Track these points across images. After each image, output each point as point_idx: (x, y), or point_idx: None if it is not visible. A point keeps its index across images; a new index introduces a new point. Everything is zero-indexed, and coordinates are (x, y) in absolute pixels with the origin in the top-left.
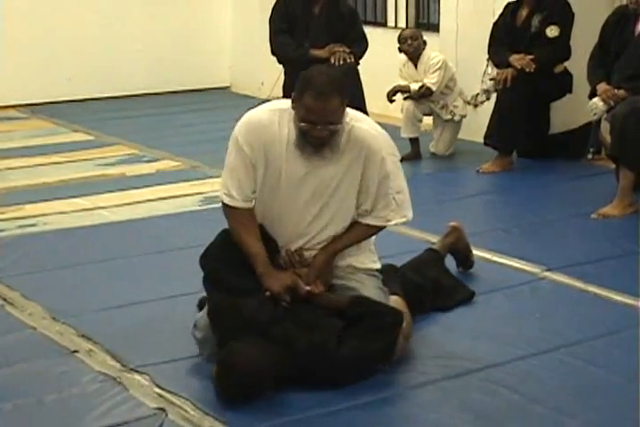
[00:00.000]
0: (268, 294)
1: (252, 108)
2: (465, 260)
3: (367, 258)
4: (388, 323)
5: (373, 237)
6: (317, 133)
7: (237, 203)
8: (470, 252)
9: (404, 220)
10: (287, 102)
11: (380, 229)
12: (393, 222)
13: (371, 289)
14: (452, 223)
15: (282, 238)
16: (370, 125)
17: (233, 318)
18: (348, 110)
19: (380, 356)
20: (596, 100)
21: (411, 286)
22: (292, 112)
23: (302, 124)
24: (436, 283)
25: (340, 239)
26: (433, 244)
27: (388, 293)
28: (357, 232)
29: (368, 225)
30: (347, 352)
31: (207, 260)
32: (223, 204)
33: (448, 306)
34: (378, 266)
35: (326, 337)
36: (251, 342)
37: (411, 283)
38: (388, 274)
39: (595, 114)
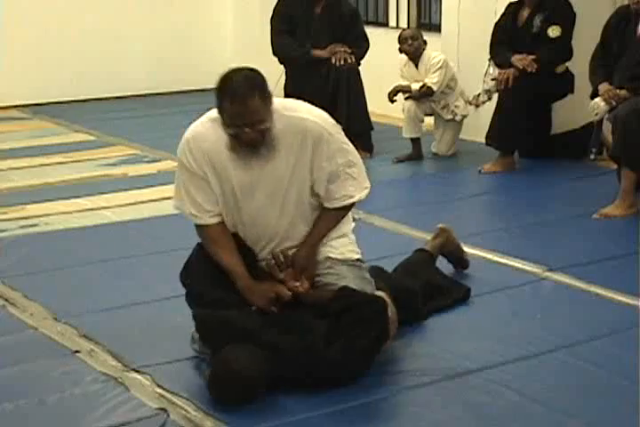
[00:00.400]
0: (254, 308)
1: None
2: (459, 260)
3: (345, 247)
4: (371, 313)
5: (351, 227)
6: (247, 137)
7: (203, 220)
8: (462, 252)
9: (365, 191)
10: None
11: (347, 209)
12: (356, 198)
13: (352, 280)
14: (440, 225)
15: (255, 245)
16: (306, 111)
17: (221, 331)
18: (279, 100)
19: (371, 349)
20: (597, 100)
21: (405, 293)
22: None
23: (229, 129)
24: (431, 285)
25: (315, 231)
26: (426, 244)
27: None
28: (327, 218)
29: (334, 208)
30: (336, 352)
31: (187, 275)
32: (195, 224)
33: (445, 306)
34: (357, 256)
35: (314, 340)
36: (243, 348)
37: (406, 289)
38: (377, 273)
39: (596, 114)
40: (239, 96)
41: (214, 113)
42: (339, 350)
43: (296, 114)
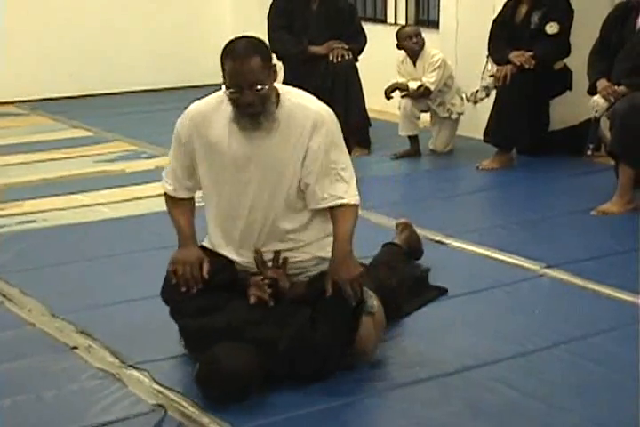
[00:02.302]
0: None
1: None
2: (416, 251)
3: (329, 245)
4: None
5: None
6: (246, 99)
7: (175, 193)
8: (421, 243)
9: (354, 202)
10: None
11: (352, 208)
12: (345, 201)
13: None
14: (402, 220)
15: (242, 231)
16: (311, 101)
17: (207, 336)
18: (285, 87)
19: (355, 318)
20: (596, 97)
21: (386, 291)
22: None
23: (229, 91)
24: (409, 278)
25: (341, 228)
26: (394, 238)
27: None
28: (341, 217)
29: (330, 208)
30: (324, 332)
31: (167, 292)
32: (165, 193)
33: (427, 301)
34: None
35: (302, 328)
36: (230, 346)
37: (386, 287)
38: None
39: (596, 111)
40: (240, 55)
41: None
42: (324, 330)
43: (302, 101)
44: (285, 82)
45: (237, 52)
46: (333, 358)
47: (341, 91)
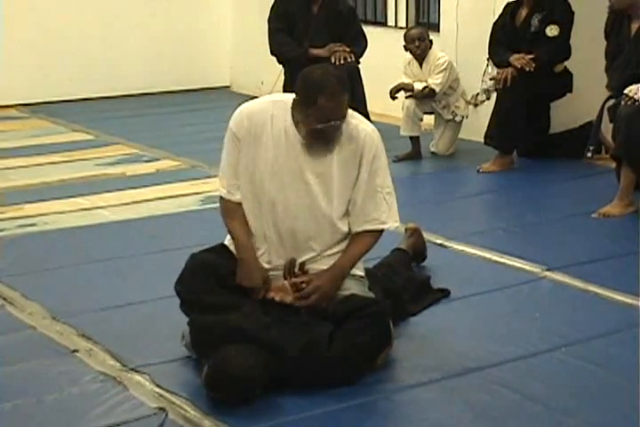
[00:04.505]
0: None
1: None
2: (421, 255)
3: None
4: (374, 312)
5: None
6: (333, 130)
7: (230, 195)
8: (425, 249)
9: (396, 224)
10: (281, 95)
11: (378, 234)
12: (387, 225)
13: (356, 292)
14: (411, 225)
15: (270, 235)
16: (363, 122)
17: (219, 334)
18: None
19: (371, 347)
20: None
21: (390, 294)
22: (288, 105)
23: (320, 125)
24: (413, 281)
25: (346, 255)
26: (401, 243)
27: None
28: (359, 242)
29: (365, 231)
30: (337, 350)
31: (181, 285)
32: (221, 197)
33: (430, 303)
34: (362, 273)
35: (317, 340)
36: (240, 348)
37: (389, 290)
38: (374, 279)
39: None
40: (336, 94)
41: (275, 96)
42: (339, 347)
43: (355, 121)
44: (286, 85)
45: (334, 90)
46: (350, 371)
47: None
